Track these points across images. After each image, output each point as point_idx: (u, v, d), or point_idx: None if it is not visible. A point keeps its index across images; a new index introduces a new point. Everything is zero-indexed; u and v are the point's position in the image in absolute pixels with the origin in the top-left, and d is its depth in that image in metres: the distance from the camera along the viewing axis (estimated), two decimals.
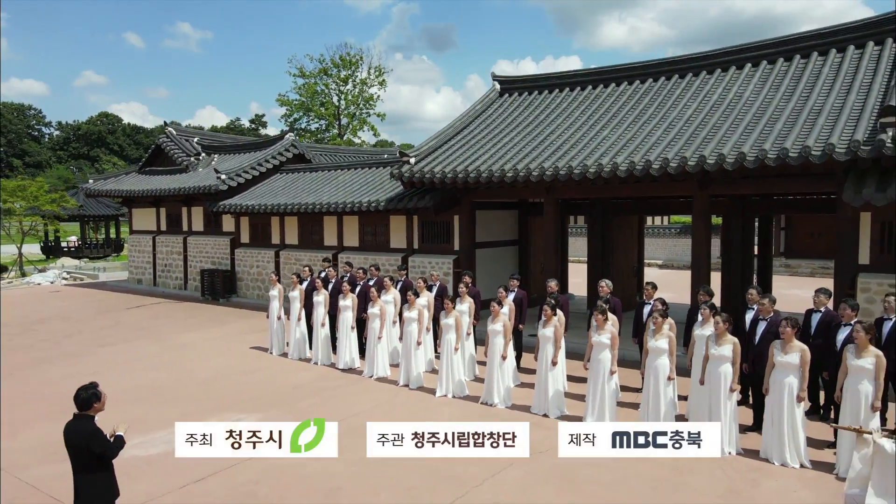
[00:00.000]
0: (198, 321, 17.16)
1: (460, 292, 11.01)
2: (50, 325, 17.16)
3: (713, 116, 11.77)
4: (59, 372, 12.40)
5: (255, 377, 11.57)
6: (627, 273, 16.44)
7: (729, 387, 7.65)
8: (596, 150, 12.10)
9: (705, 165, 10.28)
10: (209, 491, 7.34)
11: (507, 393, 9.64)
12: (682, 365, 8.96)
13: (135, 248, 24.41)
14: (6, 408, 10.19)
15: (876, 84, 10.54)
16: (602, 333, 8.58)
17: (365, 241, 17.03)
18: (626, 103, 13.76)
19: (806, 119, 10.38)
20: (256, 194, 19.35)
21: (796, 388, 7.19)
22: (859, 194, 9.24)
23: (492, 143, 14.18)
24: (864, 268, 10.14)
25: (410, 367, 10.59)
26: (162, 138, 24.18)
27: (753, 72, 12.78)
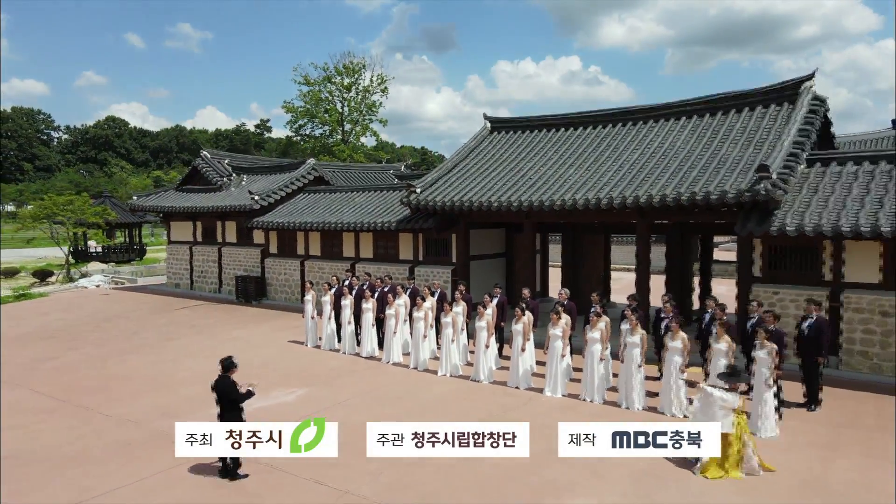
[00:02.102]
0: (239, 320, 20.59)
1: (456, 298, 14.45)
2: (116, 324, 20.59)
3: (652, 161, 15.20)
4: (143, 360, 15.85)
5: (298, 363, 15.01)
6: (595, 279, 19.86)
7: (679, 369, 10.54)
8: (563, 187, 15.53)
9: (639, 203, 13.72)
10: None
11: (490, 373, 13.08)
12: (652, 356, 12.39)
13: (173, 257, 27.85)
14: (117, 385, 13.63)
15: (768, 140, 13.98)
16: (556, 328, 12.01)
17: (378, 253, 20.47)
18: (588, 146, 17.20)
19: (714, 167, 13.83)
20: (284, 212, 22.79)
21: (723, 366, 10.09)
22: (745, 227, 12.69)
23: (482, 176, 17.61)
24: (757, 279, 13.58)
25: (418, 354, 14.04)
26: (198, 161, 27.60)
27: (686, 123, 16.23)
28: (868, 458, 8.85)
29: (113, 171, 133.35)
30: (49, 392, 13.24)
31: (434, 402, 11.81)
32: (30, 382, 13.98)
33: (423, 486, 8.12)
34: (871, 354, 12.23)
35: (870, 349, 12.25)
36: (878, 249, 12.19)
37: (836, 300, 12.56)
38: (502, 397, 12.04)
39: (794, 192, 13.20)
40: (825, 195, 12.86)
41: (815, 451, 9.14)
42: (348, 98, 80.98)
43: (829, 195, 12.81)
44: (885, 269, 12.19)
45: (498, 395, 12.20)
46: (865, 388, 11.72)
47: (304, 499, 8.01)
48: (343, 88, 79.19)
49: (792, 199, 13.03)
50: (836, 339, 12.52)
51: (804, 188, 13.32)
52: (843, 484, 8.10)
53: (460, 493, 7.95)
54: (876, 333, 12.17)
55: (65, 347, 17.44)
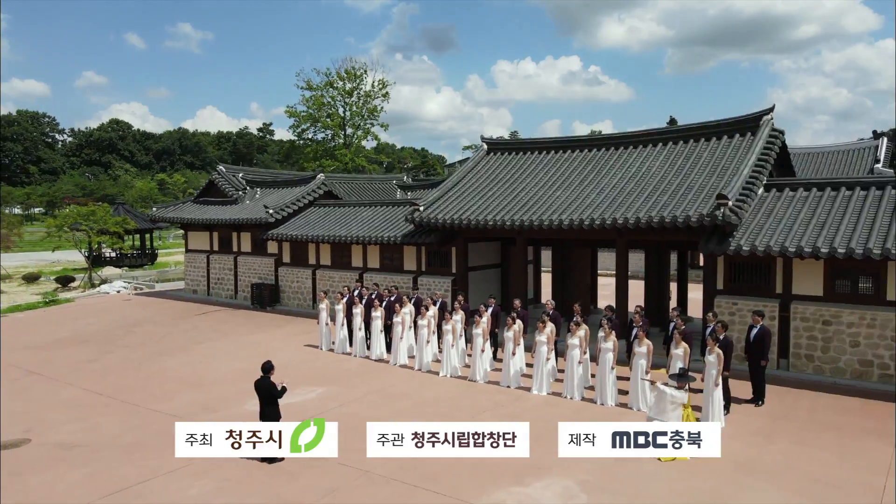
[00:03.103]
0: (256, 325, 22.46)
1: (455, 307, 16.32)
2: (144, 328, 22.47)
3: (630, 185, 17.08)
4: (175, 362, 17.73)
5: (315, 364, 16.88)
6: (582, 287, 21.73)
7: (644, 371, 12.52)
8: (551, 207, 17.40)
9: (617, 225, 15.59)
10: None
11: (485, 374, 14.96)
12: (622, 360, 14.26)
13: (191, 265, 29.72)
14: (156, 385, 15.50)
15: (730, 168, 15.85)
16: (542, 335, 13.88)
17: (384, 263, 22.34)
18: (575, 168, 19.07)
19: (682, 193, 15.70)
20: (297, 225, 24.66)
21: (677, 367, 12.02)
22: (707, 246, 14.57)
23: (479, 196, 19.48)
24: (720, 291, 15.45)
25: (422, 357, 15.92)
26: (214, 175, 29.48)
27: (662, 150, 18.11)
28: (795, 445, 10.73)
29: (118, 173, 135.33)
30: (98, 390, 15.13)
31: (437, 399, 13.70)
32: (80, 382, 15.88)
33: (428, 466, 9.95)
34: (814, 357, 14.12)
35: (813, 353, 14.13)
36: (820, 266, 14.06)
37: (785, 310, 14.44)
38: (495, 395, 13.93)
39: (752, 215, 15.09)
40: (777, 218, 14.75)
41: (754, 439, 11.01)
42: (350, 103, 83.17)
43: (781, 218, 14.69)
44: (826, 283, 14.06)
45: (492, 393, 14.09)
46: (807, 387, 13.60)
47: (333, 476, 9.87)
48: (345, 93, 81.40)
49: (749, 220, 14.91)
50: (785, 343, 14.42)
51: (760, 211, 15.20)
52: (770, 464, 9.97)
53: (458, 472, 9.80)
54: (818, 339, 14.05)
55: (102, 350, 19.32)
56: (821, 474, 9.61)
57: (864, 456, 10.17)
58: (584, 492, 9.20)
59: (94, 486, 9.87)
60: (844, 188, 15.04)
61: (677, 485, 9.35)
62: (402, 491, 9.37)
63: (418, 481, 9.56)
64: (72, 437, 12.09)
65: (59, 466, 10.76)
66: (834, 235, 13.43)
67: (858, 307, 13.62)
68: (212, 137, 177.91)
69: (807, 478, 9.52)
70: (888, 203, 14.04)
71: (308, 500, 9.24)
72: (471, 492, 9.23)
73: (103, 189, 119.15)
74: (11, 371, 17.13)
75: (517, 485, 9.40)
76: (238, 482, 9.79)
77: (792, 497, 8.98)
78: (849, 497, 8.94)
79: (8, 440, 12.20)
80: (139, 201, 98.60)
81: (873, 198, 14.39)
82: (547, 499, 9.03)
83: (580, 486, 9.34)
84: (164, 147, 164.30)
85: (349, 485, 9.65)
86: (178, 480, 9.90)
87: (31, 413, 13.70)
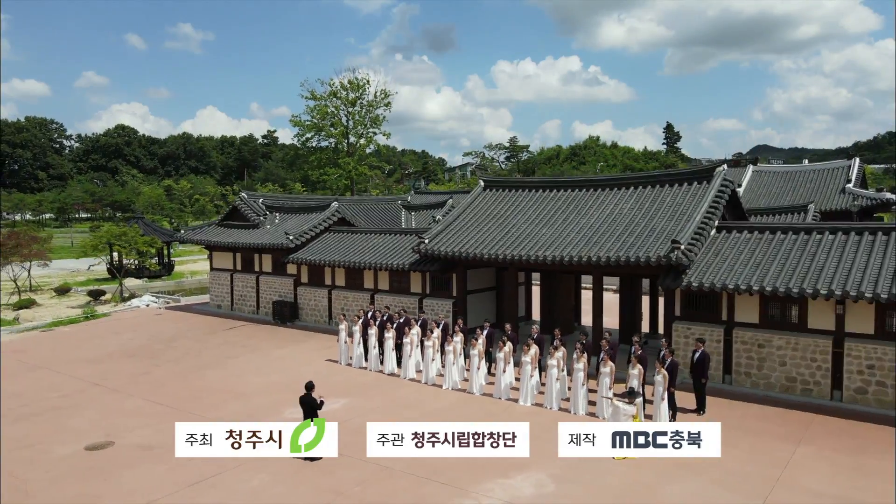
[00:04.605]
0: (280, 340, 25.45)
1: (456, 330, 19.31)
2: (181, 343, 25.45)
3: (604, 226, 20.09)
4: (216, 374, 20.72)
5: (336, 378, 19.86)
6: (566, 307, 24.72)
7: (608, 387, 15.60)
8: (537, 244, 20.38)
9: (591, 261, 18.59)
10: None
11: (480, 387, 17.95)
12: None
13: (215, 282, 32.73)
14: (205, 395, 18.49)
15: (687, 213, 18.83)
16: (527, 356, 16.87)
17: (393, 286, 25.32)
18: (559, 208, 22.06)
19: (646, 235, 18.70)
20: (314, 250, 27.65)
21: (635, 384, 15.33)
22: (664, 281, 17.58)
23: (476, 230, 22.47)
24: (678, 318, 18.45)
25: (428, 372, 18.93)
26: (237, 202, 32.49)
27: (633, 193, 21.11)
28: (722, 446, 13.68)
29: (125, 179, 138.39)
30: (157, 400, 18.13)
31: (441, 407, 16.71)
32: (139, 393, 18.89)
33: (436, 463, 12.90)
34: (751, 374, 17.12)
35: (750, 370, 17.13)
36: (756, 299, 17.04)
37: (729, 335, 17.44)
38: (489, 405, 16.94)
39: (704, 254, 18.08)
40: (724, 258, 17.74)
41: None
42: (353, 112, 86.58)
43: (726, 258, 17.69)
44: (761, 313, 17.06)
45: (486, 403, 17.11)
46: (744, 399, 16.59)
47: (362, 471, 12.85)
48: (348, 103, 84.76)
49: (701, 259, 17.90)
50: (729, 362, 17.43)
51: (711, 250, 18.21)
52: (699, 461, 12.88)
53: (457, 467, 12.77)
54: (755, 359, 17.05)
55: (149, 364, 22.33)
56: (735, 468, 12.61)
57: (769, 454, 13.19)
58: (552, 483, 12.20)
59: (178, 478, 12.86)
60: (780, 232, 18.06)
61: (625, 477, 12.34)
62: (415, 481, 12.38)
63: (428, 474, 12.56)
64: (148, 440, 15.10)
65: (144, 463, 13.77)
66: (765, 275, 16.43)
67: (786, 333, 16.62)
68: (215, 142, 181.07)
69: (724, 471, 12.50)
70: (812, 246, 17.04)
71: (344, 488, 12.24)
72: (467, 483, 12.23)
73: (112, 196, 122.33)
74: (78, 383, 20.15)
75: (502, 477, 12.40)
76: (288, 475, 12.79)
77: (709, 486, 11.98)
78: (750, 484, 11.94)
79: (94, 443, 15.23)
80: (148, 209, 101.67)
81: (801, 241, 17.40)
82: (525, 488, 12.04)
83: (550, 479, 12.34)
84: (168, 152, 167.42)
85: (375, 477, 12.65)
86: (242, 474, 12.89)
87: (106, 420, 16.72)
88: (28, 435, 15.88)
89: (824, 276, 15.70)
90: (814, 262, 16.41)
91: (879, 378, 15.38)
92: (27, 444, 15.23)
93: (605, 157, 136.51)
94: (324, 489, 12.21)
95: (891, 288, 14.61)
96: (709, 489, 11.87)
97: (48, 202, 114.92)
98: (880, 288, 14.66)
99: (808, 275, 16.00)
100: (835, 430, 14.55)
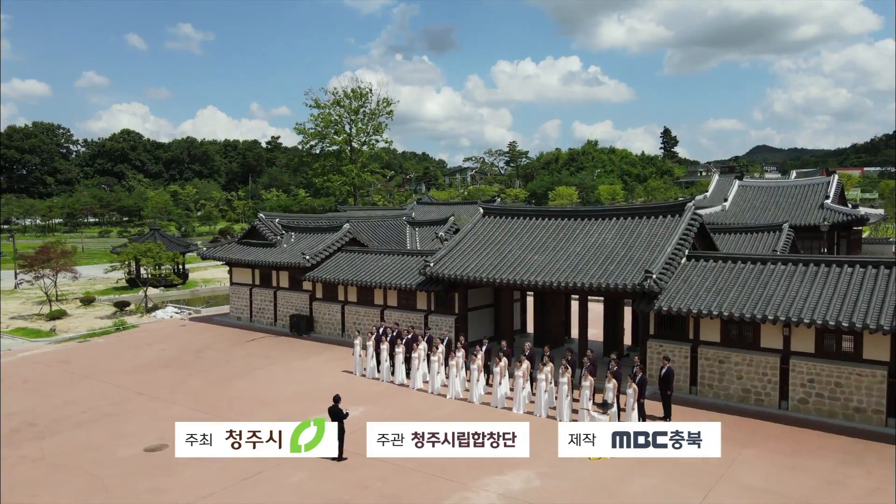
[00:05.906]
0: (298, 352, 28.12)
1: (458, 346, 22.01)
2: (209, 354, 28.13)
3: (589, 253, 22.78)
4: (244, 384, 23.41)
5: (352, 388, 22.51)
6: (558, 323, 27.43)
7: (588, 399, 18.33)
8: (529, 269, 23.06)
9: (577, 287, 21.29)
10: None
11: (479, 397, 20.65)
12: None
13: (235, 295, 35.45)
14: (238, 404, 21.16)
15: (660, 245, 21.52)
16: (519, 370, 19.56)
17: (401, 303, 28.02)
18: (550, 236, 24.76)
19: (625, 264, 21.40)
20: (328, 268, 30.35)
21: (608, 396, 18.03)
22: (639, 305, 20.29)
23: (476, 254, 25.17)
24: (651, 336, 21.14)
25: (434, 383, 21.64)
26: (256, 222, 35.20)
27: (615, 224, 23.82)
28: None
29: (131, 184, 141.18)
30: (196, 408, 20.83)
31: (445, 414, 19.41)
32: (179, 401, 21.59)
33: (443, 462, 15.56)
34: (714, 386, 19.83)
35: (713, 383, 19.84)
36: (718, 321, 19.73)
37: (695, 352, 20.14)
38: (487, 412, 19.64)
39: (674, 281, 20.77)
40: (691, 284, 20.44)
41: None
42: (356, 120, 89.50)
43: (693, 284, 20.39)
44: (722, 333, 19.76)
45: (484, 411, 19.81)
46: (706, 408, 19.28)
47: (381, 469, 15.55)
48: (351, 112, 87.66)
49: (671, 285, 20.59)
50: (695, 375, 20.13)
51: (681, 277, 20.90)
52: (658, 462, 15.60)
53: (459, 466, 15.45)
54: (716, 373, 19.76)
55: (184, 374, 25.02)
56: (687, 466, 15.29)
57: (720, 455, 15.87)
58: (539, 479, 14.92)
59: (230, 474, 15.56)
60: (740, 262, 20.78)
61: (599, 473, 15.05)
62: (426, 477, 15.09)
63: (436, 472, 15.27)
64: None
65: (198, 463, 16.39)
66: (724, 301, 19.14)
67: (742, 351, 19.33)
68: (219, 146, 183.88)
69: (678, 469, 15.17)
70: (766, 276, 19.76)
71: (368, 483, 14.95)
72: (468, 479, 14.93)
73: (119, 201, 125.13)
74: (123, 392, 22.85)
75: (497, 474, 15.11)
76: (321, 473, 15.50)
77: (664, 480, 14.66)
78: (699, 480, 14.64)
79: (151, 445, 17.91)
80: (156, 214, 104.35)
81: (756, 270, 20.11)
82: (515, 483, 14.75)
83: (537, 476, 15.06)
84: (173, 156, 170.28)
85: (391, 474, 15.36)
86: (284, 471, 15.59)
87: (154, 424, 19.42)
88: (90, 438, 18.59)
89: (773, 304, 18.41)
90: (765, 290, 19.11)
91: (818, 390, 18.09)
92: (93, 446, 17.94)
93: (602, 163, 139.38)
94: (352, 484, 14.92)
95: (826, 314, 17.32)
96: (664, 483, 14.57)
97: (58, 207, 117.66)
98: (817, 315, 17.37)
99: (759, 302, 18.70)
100: (779, 435, 17.27)
